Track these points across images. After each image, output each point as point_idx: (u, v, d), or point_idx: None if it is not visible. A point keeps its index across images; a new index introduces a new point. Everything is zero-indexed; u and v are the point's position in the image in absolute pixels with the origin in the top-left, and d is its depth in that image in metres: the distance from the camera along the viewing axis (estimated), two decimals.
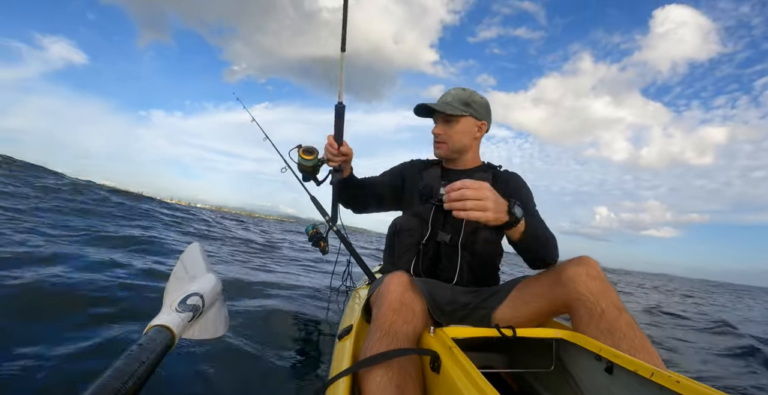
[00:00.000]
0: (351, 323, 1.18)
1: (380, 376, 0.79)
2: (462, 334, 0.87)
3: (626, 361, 0.75)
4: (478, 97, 1.31)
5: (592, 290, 0.91)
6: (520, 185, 1.31)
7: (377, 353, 0.82)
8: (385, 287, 0.96)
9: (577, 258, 1.00)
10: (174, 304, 0.65)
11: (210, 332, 0.73)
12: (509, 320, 1.05)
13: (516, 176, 1.34)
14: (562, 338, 0.92)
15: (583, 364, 0.89)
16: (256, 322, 1.99)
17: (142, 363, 0.48)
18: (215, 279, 0.81)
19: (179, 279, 0.74)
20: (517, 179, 1.32)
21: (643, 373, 0.71)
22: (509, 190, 1.27)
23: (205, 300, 0.71)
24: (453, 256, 1.23)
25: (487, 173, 1.32)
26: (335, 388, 0.80)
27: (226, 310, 0.85)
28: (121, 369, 0.45)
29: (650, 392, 0.70)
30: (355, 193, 1.39)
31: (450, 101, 1.28)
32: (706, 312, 5.65)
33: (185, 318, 0.63)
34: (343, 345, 1.06)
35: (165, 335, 0.56)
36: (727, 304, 9.04)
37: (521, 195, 1.27)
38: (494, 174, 1.33)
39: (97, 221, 4.37)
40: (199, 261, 0.83)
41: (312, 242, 1.98)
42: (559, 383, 0.99)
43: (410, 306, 0.92)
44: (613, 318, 0.87)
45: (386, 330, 0.87)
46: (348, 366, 0.88)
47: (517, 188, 1.29)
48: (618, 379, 0.79)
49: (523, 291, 1.07)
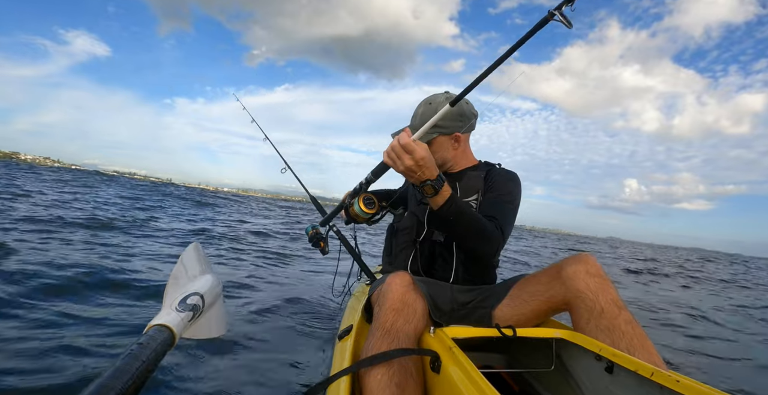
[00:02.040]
0: (351, 323, 1.18)
1: (381, 375, 0.79)
2: (462, 334, 0.87)
3: (626, 361, 0.75)
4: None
5: (591, 288, 0.91)
6: (502, 184, 1.25)
7: (378, 352, 0.82)
8: (387, 286, 0.97)
9: (577, 256, 1.00)
10: (174, 304, 0.65)
11: (210, 331, 0.73)
12: (509, 319, 1.06)
13: (507, 173, 1.30)
14: (562, 337, 0.92)
15: (583, 364, 0.90)
16: (256, 322, 1.99)
17: (143, 362, 0.48)
18: (215, 279, 0.81)
19: (179, 279, 0.74)
20: (503, 178, 1.27)
21: (644, 373, 0.71)
22: (492, 186, 1.25)
23: (204, 299, 0.71)
24: (448, 255, 1.24)
25: (478, 172, 1.29)
26: (336, 387, 0.80)
27: (225, 310, 0.85)
28: (122, 368, 0.45)
29: (650, 391, 0.70)
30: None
31: (416, 125, 1.23)
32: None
33: (185, 318, 0.63)
34: (343, 345, 1.06)
35: (165, 334, 0.56)
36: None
37: (499, 186, 1.24)
38: (488, 172, 1.30)
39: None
40: (198, 261, 0.83)
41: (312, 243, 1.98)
42: (559, 383, 0.99)
43: (412, 305, 0.93)
44: (613, 316, 0.87)
45: (387, 330, 0.87)
46: (348, 365, 0.88)
47: (499, 186, 1.24)
48: (618, 379, 0.79)
49: (522, 290, 1.07)
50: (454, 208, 1.03)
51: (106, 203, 7.96)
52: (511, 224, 1.18)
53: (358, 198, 1.24)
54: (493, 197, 1.22)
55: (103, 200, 8.41)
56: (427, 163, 0.97)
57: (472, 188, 1.25)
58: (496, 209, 1.17)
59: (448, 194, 1.02)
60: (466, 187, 1.25)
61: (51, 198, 7.12)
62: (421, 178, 0.98)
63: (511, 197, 1.22)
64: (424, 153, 0.96)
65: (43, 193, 8.17)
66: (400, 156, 0.96)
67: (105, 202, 8.15)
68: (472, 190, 1.25)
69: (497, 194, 1.22)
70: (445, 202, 1.02)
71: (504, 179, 1.27)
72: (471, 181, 1.26)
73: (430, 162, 0.98)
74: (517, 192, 1.25)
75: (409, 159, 0.95)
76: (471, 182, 1.26)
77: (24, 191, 7.90)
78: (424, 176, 0.98)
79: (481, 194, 1.24)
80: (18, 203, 5.58)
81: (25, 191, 7.95)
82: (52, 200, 6.70)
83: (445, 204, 1.02)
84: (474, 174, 1.28)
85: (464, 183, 1.26)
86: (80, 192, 10.12)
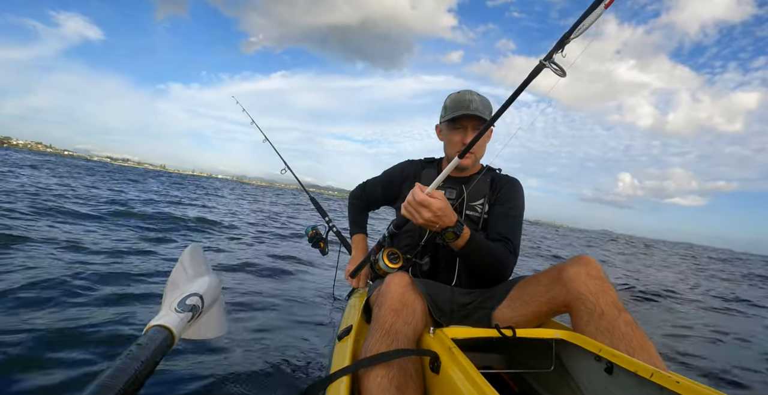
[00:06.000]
0: (351, 323, 1.18)
1: (380, 376, 0.79)
2: (462, 334, 0.87)
3: (626, 361, 0.75)
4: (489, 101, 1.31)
5: (591, 290, 0.91)
6: (511, 196, 1.30)
7: (377, 353, 0.82)
8: (386, 287, 0.97)
9: (577, 258, 1.00)
10: (173, 304, 0.65)
11: (209, 332, 0.73)
12: (509, 320, 1.05)
13: (512, 184, 1.33)
14: (561, 338, 0.92)
15: (583, 364, 0.89)
16: (255, 322, 1.99)
17: (142, 362, 0.48)
18: (214, 279, 0.81)
19: (178, 279, 0.74)
20: (511, 188, 1.32)
21: (643, 374, 0.71)
22: (501, 197, 1.29)
23: (204, 300, 0.71)
24: (451, 258, 1.24)
25: (485, 176, 1.32)
26: (335, 387, 0.80)
27: (225, 310, 0.85)
28: (121, 368, 0.45)
29: (650, 392, 0.70)
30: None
31: (483, 111, 1.24)
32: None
33: (184, 318, 0.63)
34: (343, 345, 1.06)
35: (164, 335, 0.56)
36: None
37: (507, 198, 1.29)
38: (492, 178, 1.34)
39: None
40: (198, 262, 0.83)
41: (312, 243, 1.98)
42: (559, 383, 0.99)
43: (411, 306, 0.92)
44: (613, 318, 0.87)
45: (386, 330, 0.87)
46: (348, 365, 0.88)
47: (508, 198, 1.29)
48: (618, 379, 0.79)
49: (522, 291, 1.07)
50: (474, 244, 1.06)
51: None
52: (520, 238, 1.24)
53: (383, 254, 1.23)
54: (503, 212, 1.26)
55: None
56: (446, 212, 0.98)
57: (479, 192, 1.29)
58: (509, 228, 1.22)
59: (468, 235, 1.04)
60: (474, 191, 1.29)
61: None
62: (442, 226, 1.00)
63: (518, 211, 1.28)
64: (441, 204, 0.96)
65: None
66: (417, 210, 0.97)
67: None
68: (479, 194, 1.29)
69: (507, 207, 1.27)
70: (465, 244, 1.05)
71: (511, 191, 1.31)
72: (478, 185, 1.29)
73: (448, 210, 0.99)
74: (523, 204, 1.31)
75: (426, 212, 0.96)
76: (478, 186, 1.29)
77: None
78: (444, 225, 1.00)
79: (487, 199, 1.29)
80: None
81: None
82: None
83: (466, 246, 1.05)
84: (481, 179, 1.30)
85: (472, 188, 1.29)
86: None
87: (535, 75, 0.86)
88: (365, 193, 1.61)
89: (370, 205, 1.64)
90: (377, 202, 1.59)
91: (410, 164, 1.47)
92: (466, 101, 1.24)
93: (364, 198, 1.62)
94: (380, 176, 1.55)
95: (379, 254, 1.23)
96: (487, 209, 1.28)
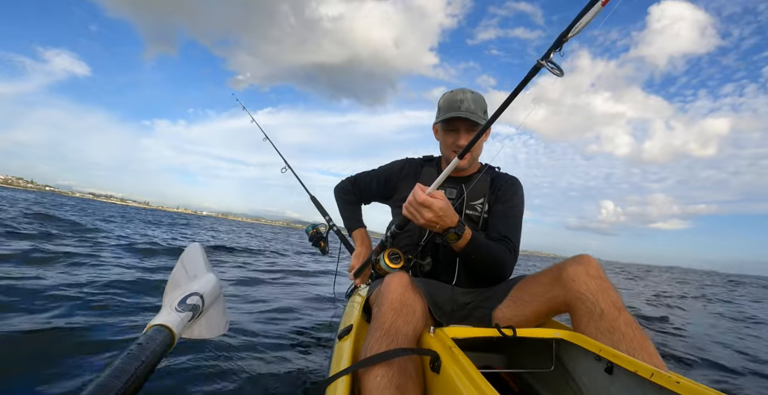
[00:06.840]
0: (351, 323, 1.18)
1: (380, 376, 0.79)
2: (462, 334, 0.87)
3: (626, 361, 0.75)
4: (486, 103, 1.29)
5: (591, 290, 0.91)
6: (511, 195, 1.30)
7: (377, 353, 0.81)
8: (386, 286, 0.96)
9: (577, 257, 1.00)
10: (174, 304, 0.65)
11: (210, 331, 0.73)
12: (509, 319, 1.05)
13: (512, 183, 1.33)
14: (562, 338, 0.92)
15: (583, 364, 0.89)
16: (255, 322, 1.99)
17: (142, 362, 0.48)
18: (215, 279, 0.81)
19: (179, 279, 0.74)
20: (510, 187, 1.32)
21: (643, 374, 0.71)
22: (501, 196, 1.29)
23: (204, 299, 0.71)
24: (451, 258, 1.24)
25: (485, 175, 1.32)
26: (335, 387, 0.80)
27: (225, 310, 0.85)
28: (121, 368, 0.45)
29: (650, 392, 0.70)
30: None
31: (475, 110, 1.23)
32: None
33: (185, 318, 0.63)
34: (343, 345, 1.06)
35: (165, 334, 0.56)
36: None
37: (507, 197, 1.29)
38: (492, 177, 1.34)
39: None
40: (199, 261, 0.83)
41: (312, 243, 1.98)
42: (559, 383, 0.99)
43: (411, 305, 0.92)
44: (613, 318, 0.87)
45: (386, 330, 0.87)
46: (348, 365, 0.88)
47: (508, 198, 1.29)
48: (618, 379, 0.79)
49: (522, 291, 1.07)
50: (475, 245, 1.06)
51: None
52: (520, 238, 1.24)
53: (384, 254, 1.23)
54: (503, 211, 1.26)
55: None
56: (447, 212, 0.98)
57: (479, 191, 1.29)
58: (509, 228, 1.22)
59: (469, 235, 1.05)
60: (474, 190, 1.29)
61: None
62: (443, 227, 1.00)
63: (518, 210, 1.28)
64: (441, 204, 0.96)
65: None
66: (419, 211, 0.97)
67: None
68: (480, 194, 1.29)
69: (506, 206, 1.27)
70: (466, 244, 1.05)
71: (511, 190, 1.31)
72: (478, 184, 1.29)
73: (450, 211, 0.99)
74: (522, 203, 1.31)
75: (428, 213, 0.96)
76: (478, 185, 1.29)
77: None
78: (446, 225, 1.00)
79: (487, 198, 1.29)
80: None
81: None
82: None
83: (467, 246, 1.05)
84: (481, 178, 1.30)
85: (472, 187, 1.29)
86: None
87: (532, 75, 0.85)
88: (357, 187, 1.56)
89: (362, 199, 1.60)
90: (371, 197, 1.56)
91: (409, 162, 1.47)
92: (458, 101, 1.23)
93: (357, 192, 1.56)
94: (374, 171, 1.52)
95: (380, 254, 1.23)
96: (486, 208, 1.28)
